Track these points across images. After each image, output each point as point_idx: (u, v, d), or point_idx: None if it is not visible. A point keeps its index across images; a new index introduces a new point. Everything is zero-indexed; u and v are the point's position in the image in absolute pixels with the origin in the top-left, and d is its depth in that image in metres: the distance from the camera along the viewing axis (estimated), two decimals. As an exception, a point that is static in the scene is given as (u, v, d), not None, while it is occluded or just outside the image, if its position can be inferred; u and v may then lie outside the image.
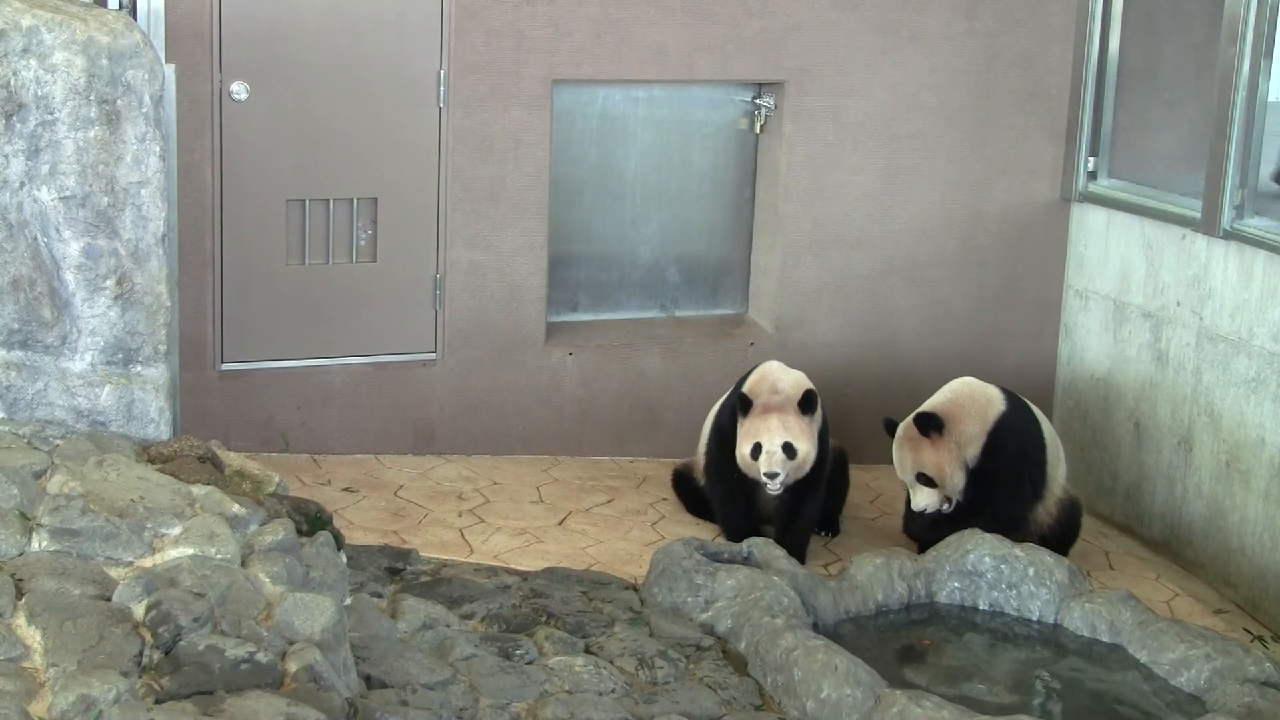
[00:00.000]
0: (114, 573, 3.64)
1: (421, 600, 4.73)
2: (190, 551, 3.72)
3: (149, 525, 3.79)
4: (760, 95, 7.20)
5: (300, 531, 4.26)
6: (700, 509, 6.38)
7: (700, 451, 6.40)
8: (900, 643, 5.18)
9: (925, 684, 4.80)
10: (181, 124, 5.92)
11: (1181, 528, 6.74)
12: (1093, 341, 7.35)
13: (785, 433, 5.85)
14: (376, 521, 5.91)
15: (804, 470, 5.92)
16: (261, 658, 3.34)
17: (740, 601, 4.97)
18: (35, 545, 3.68)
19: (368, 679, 3.94)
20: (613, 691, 4.30)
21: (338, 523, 4.99)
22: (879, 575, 5.36)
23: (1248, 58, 6.30)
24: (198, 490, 4.06)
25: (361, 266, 6.59)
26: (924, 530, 6.08)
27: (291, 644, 3.48)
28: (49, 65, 4.36)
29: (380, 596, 4.82)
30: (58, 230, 4.44)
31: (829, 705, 4.34)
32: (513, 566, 5.56)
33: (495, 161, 6.64)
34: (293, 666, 3.38)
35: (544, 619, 4.83)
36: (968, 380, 6.24)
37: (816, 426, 5.99)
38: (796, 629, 4.74)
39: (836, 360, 7.26)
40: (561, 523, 6.17)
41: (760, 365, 6.20)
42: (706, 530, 6.21)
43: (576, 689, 4.26)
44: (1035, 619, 5.32)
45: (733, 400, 6.08)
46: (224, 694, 3.21)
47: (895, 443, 6.11)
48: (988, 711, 4.54)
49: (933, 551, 5.50)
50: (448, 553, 5.67)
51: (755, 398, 5.96)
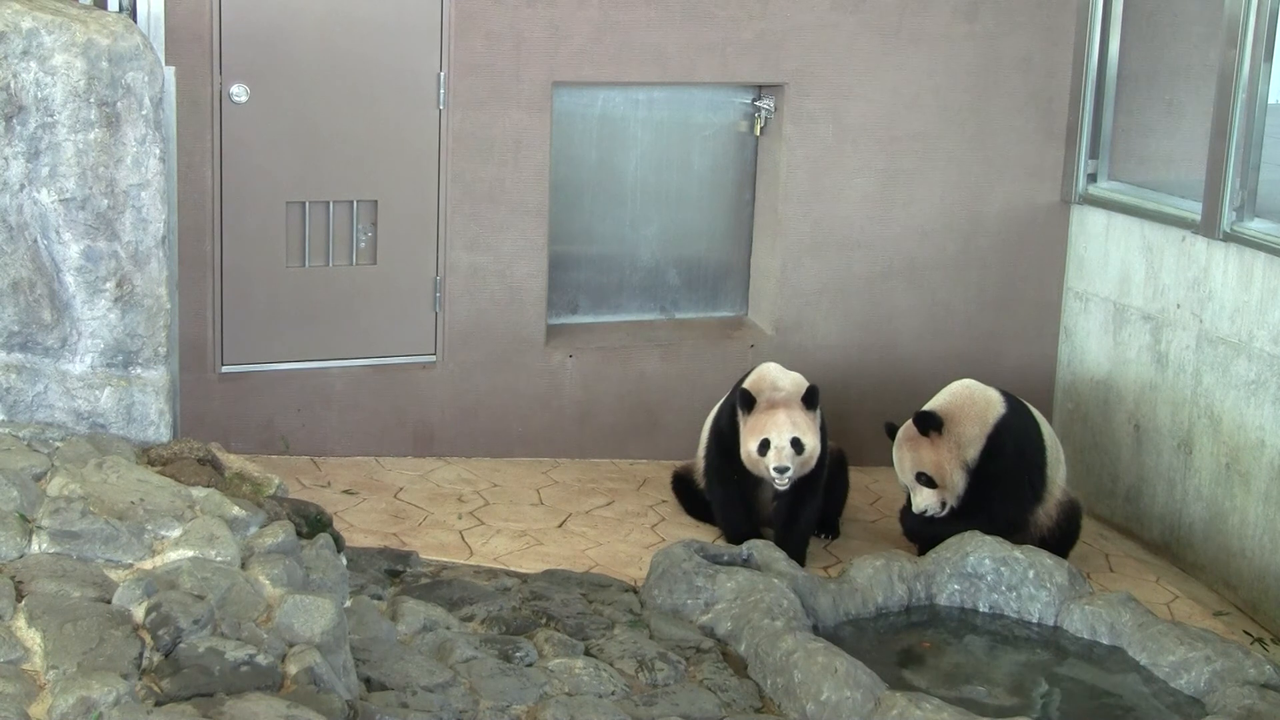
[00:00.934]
0: (114, 575, 3.64)
1: (421, 602, 4.74)
2: (190, 554, 3.72)
3: (149, 527, 3.79)
4: (760, 97, 7.20)
5: (300, 534, 4.26)
6: (700, 511, 6.38)
7: (700, 454, 6.40)
8: (900, 645, 5.18)
9: (925, 686, 4.80)
10: (181, 126, 5.92)
11: (1181, 530, 6.74)
12: (1093, 344, 7.35)
13: (793, 428, 5.85)
14: (376, 524, 5.91)
15: (809, 466, 5.92)
16: (261, 660, 3.34)
17: (740, 604, 4.97)
18: (35, 547, 3.68)
19: (368, 681, 3.94)
20: (613, 694, 4.30)
21: (338, 525, 4.99)
22: (879, 577, 5.36)
23: (1248, 60, 6.30)
24: (198, 493, 4.06)
25: (361, 269, 6.59)
26: (924, 531, 6.07)
27: (291, 646, 3.48)
28: (49, 67, 4.37)
29: (380, 599, 4.82)
30: (58, 232, 4.44)
31: (829, 707, 4.34)
32: (513, 569, 5.56)
33: (495, 164, 6.64)
34: (293, 669, 3.38)
35: (544, 621, 4.83)
36: (968, 382, 6.24)
37: (818, 423, 6.00)
38: (796, 631, 4.74)
39: (836, 362, 7.26)
40: (561, 525, 6.17)
41: (758, 366, 6.20)
42: (706, 532, 6.21)
43: (576, 691, 4.26)
44: (1035, 621, 5.32)
45: (732, 401, 6.08)
46: (224, 696, 3.21)
47: (895, 444, 6.12)
48: (988, 714, 4.54)
49: (933, 554, 5.50)
50: (448, 555, 5.67)
51: (758, 394, 5.96)
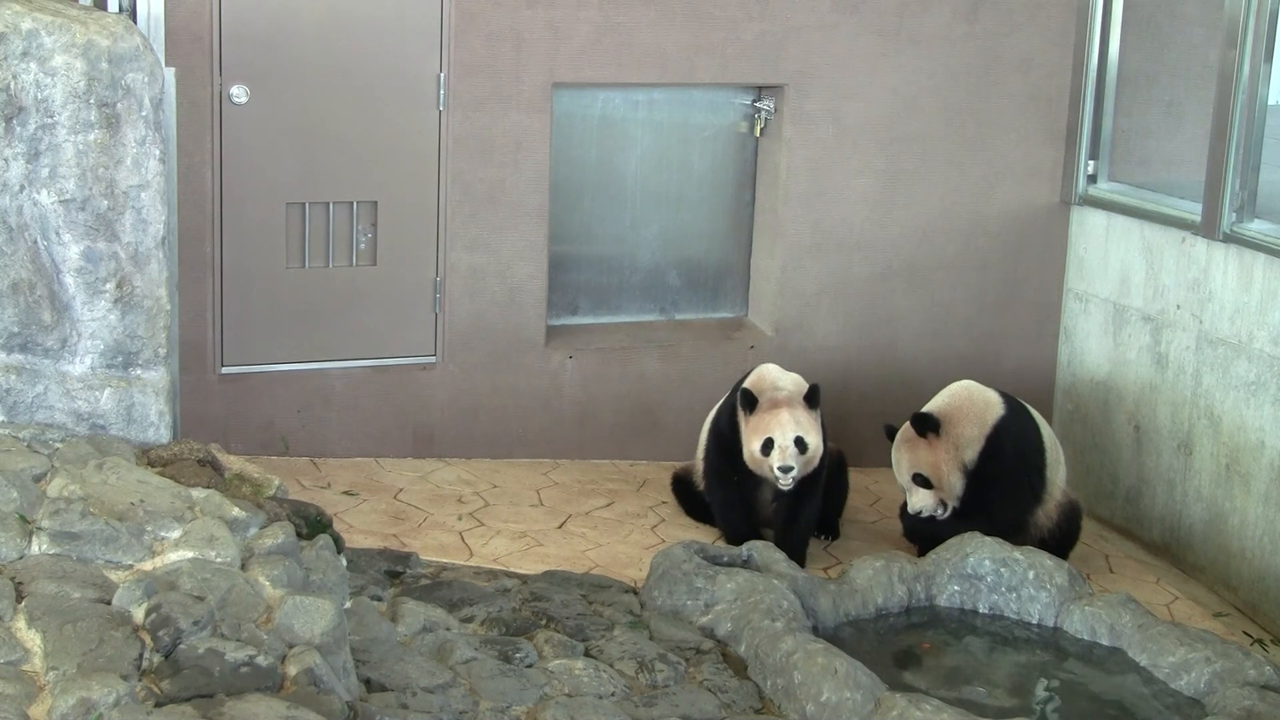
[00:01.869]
0: (114, 576, 3.64)
1: (421, 603, 4.74)
2: (190, 555, 3.72)
3: (149, 528, 3.79)
4: (760, 98, 7.20)
5: (300, 535, 4.26)
6: (700, 512, 6.38)
7: (699, 455, 6.40)
8: (900, 646, 5.18)
9: (925, 687, 4.80)
10: (181, 127, 5.92)
11: (1181, 531, 6.74)
12: (1092, 345, 7.35)
13: (796, 427, 5.85)
14: (376, 525, 5.91)
15: (813, 465, 5.92)
16: (261, 661, 3.34)
17: (740, 605, 4.97)
18: (35, 548, 3.68)
19: (368, 682, 3.94)
20: (612, 694, 4.30)
21: (338, 526, 4.99)
22: (879, 578, 5.35)
23: (1247, 61, 6.30)
24: (198, 493, 4.06)
25: (361, 270, 6.59)
26: (924, 532, 6.07)
27: (291, 647, 3.48)
28: (49, 68, 4.37)
29: (380, 599, 4.82)
30: (57, 233, 4.44)
31: (829, 708, 4.34)
32: (513, 570, 5.56)
33: (495, 165, 6.64)
34: (293, 670, 3.38)
35: (544, 622, 4.83)
36: (967, 384, 6.24)
37: (820, 422, 6.00)
38: (796, 632, 4.74)
39: (836, 363, 7.26)
40: (561, 526, 6.17)
41: (757, 367, 6.20)
42: (706, 533, 6.21)
43: (576, 692, 4.26)
44: (1035, 622, 5.31)
45: (732, 402, 6.07)
46: (224, 697, 3.21)
47: (894, 445, 6.12)
48: (987, 715, 4.55)
49: (932, 555, 5.50)
50: (448, 556, 5.67)
51: (759, 394, 5.96)
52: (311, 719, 3.17)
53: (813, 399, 5.94)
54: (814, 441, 5.88)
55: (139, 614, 3.44)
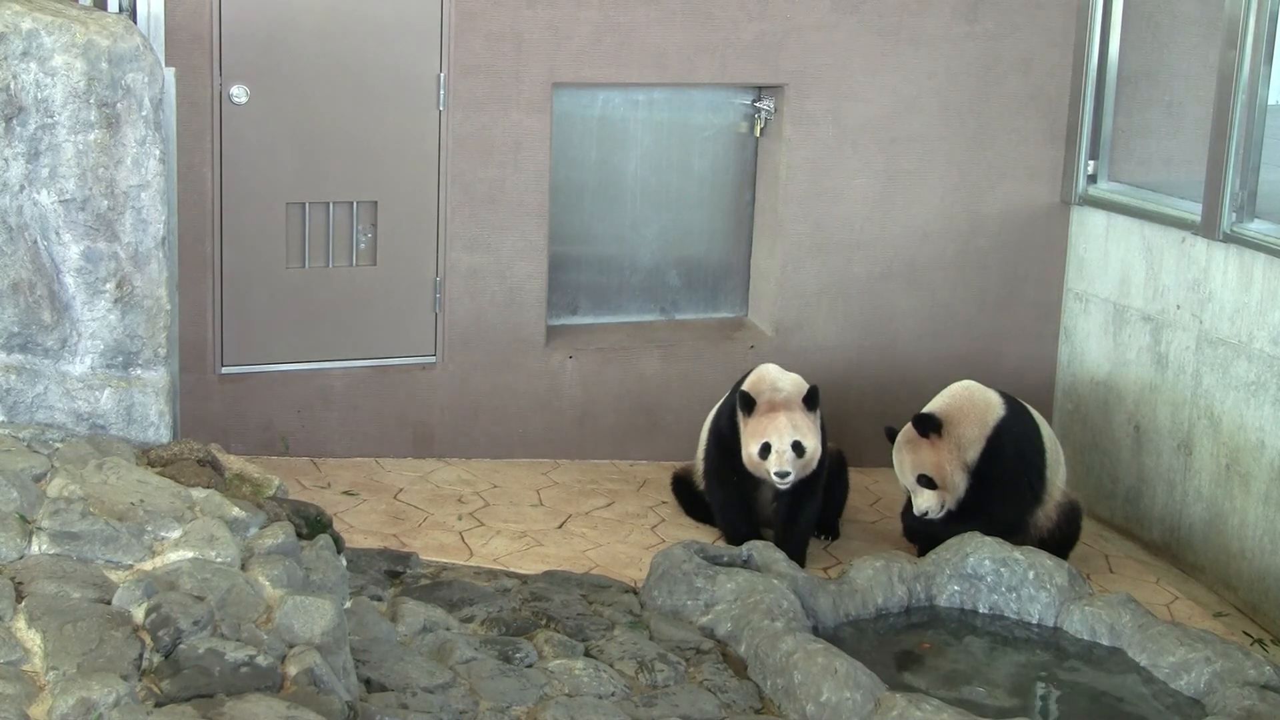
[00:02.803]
0: (114, 576, 3.64)
1: (421, 603, 4.74)
2: (190, 555, 3.72)
3: (149, 528, 3.79)
4: (760, 98, 7.20)
5: (300, 535, 4.26)
6: (700, 512, 6.38)
7: (699, 455, 6.40)
8: (900, 646, 5.18)
9: (925, 687, 4.80)
10: (181, 127, 5.92)
11: (1181, 531, 6.74)
12: (1092, 345, 7.35)
13: (794, 431, 5.85)
14: (376, 525, 5.91)
15: (810, 467, 5.93)
16: (261, 661, 3.34)
17: (740, 605, 4.97)
18: (35, 548, 3.68)
19: (367, 682, 3.94)
20: (612, 694, 4.30)
21: (338, 526, 4.99)
22: (879, 579, 5.35)
23: (1247, 61, 6.30)
24: (197, 493, 4.06)
25: (361, 270, 6.59)
26: (924, 532, 6.07)
27: (291, 647, 3.48)
28: (49, 68, 4.37)
29: (380, 599, 4.82)
30: (57, 233, 4.44)
31: (829, 708, 4.34)
32: (512, 569, 5.56)
33: (495, 164, 6.64)
34: (293, 670, 3.38)
35: (544, 622, 4.83)
36: (967, 384, 6.24)
37: (819, 424, 6.00)
38: (796, 632, 4.74)
39: (836, 363, 7.26)
40: (561, 526, 6.17)
41: (757, 368, 6.20)
42: (706, 533, 6.21)
43: (576, 692, 4.26)
44: (1035, 622, 5.32)
45: (731, 403, 6.07)
46: (224, 697, 3.21)
47: (895, 447, 6.12)
48: (988, 715, 4.55)
49: (932, 555, 5.50)
50: (448, 556, 5.67)
51: (757, 396, 5.95)
52: (311, 719, 3.17)
53: (811, 401, 5.94)
54: (811, 445, 5.88)
55: (139, 614, 3.44)
